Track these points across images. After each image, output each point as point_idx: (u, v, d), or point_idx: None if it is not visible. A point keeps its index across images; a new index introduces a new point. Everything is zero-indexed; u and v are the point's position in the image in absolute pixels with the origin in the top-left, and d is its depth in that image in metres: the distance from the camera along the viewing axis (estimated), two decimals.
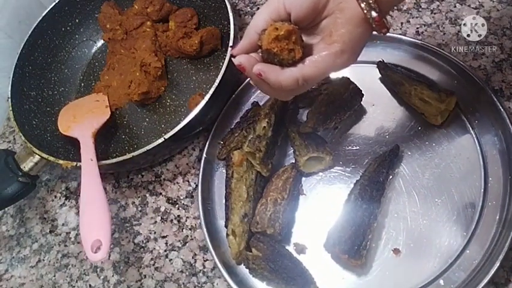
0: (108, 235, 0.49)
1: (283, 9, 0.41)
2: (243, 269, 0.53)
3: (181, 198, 0.62)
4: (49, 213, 0.67)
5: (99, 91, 0.72)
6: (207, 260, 0.56)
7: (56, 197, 0.68)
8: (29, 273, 0.63)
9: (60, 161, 0.58)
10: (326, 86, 0.59)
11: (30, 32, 0.71)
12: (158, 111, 0.69)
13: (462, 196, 0.50)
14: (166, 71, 0.71)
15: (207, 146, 0.61)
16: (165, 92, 0.70)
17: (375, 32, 0.40)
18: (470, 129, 0.54)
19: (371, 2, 0.38)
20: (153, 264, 0.58)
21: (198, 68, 0.71)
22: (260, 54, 0.42)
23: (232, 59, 0.44)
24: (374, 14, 0.38)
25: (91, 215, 0.51)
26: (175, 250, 0.58)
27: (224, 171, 0.59)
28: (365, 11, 0.38)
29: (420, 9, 0.66)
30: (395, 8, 0.67)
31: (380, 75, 0.60)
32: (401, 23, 0.66)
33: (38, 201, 0.69)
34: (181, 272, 0.57)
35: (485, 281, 0.44)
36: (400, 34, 0.63)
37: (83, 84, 0.76)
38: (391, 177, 0.53)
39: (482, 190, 0.50)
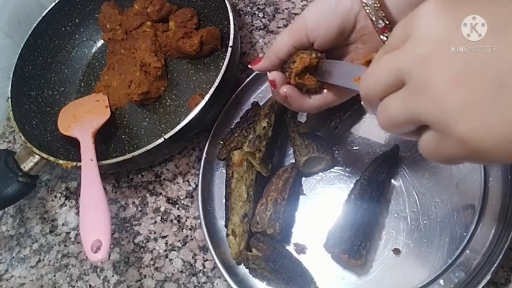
0: (108, 235, 0.49)
1: (305, 37, 0.42)
2: (243, 269, 0.53)
3: (181, 198, 0.62)
4: (49, 213, 0.67)
5: (99, 91, 0.72)
6: (207, 260, 0.56)
7: (56, 197, 0.68)
8: (29, 273, 0.63)
9: (60, 161, 0.58)
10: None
11: (30, 32, 0.71)
12: (158, 111, 0.69)
13: (462, 196, 0.50)
14: (166, 71, 0.71)
15: (207, 146, 0.61)
16: (165, 92, 0.70)
17: None
18: None
19: None
20: (153, 264, 0.58)
21: (198, 68, 0.71)
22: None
23: (251, 67, 0.46)
24: None
25: (91, 215, 0.51)
26: (175, 250, 0.58)
27: (224, 171, 0.59)
28: None
29: None
30: None
31: None
32: None
33: (38, 201, 0.69)
34: (181, 272, 0.57)
35: (485, 281, 0.44)
36: None
37: (83, 84, 0.76)
38: (391, 177, 0.53)
39: (482, 190, 0.49)
